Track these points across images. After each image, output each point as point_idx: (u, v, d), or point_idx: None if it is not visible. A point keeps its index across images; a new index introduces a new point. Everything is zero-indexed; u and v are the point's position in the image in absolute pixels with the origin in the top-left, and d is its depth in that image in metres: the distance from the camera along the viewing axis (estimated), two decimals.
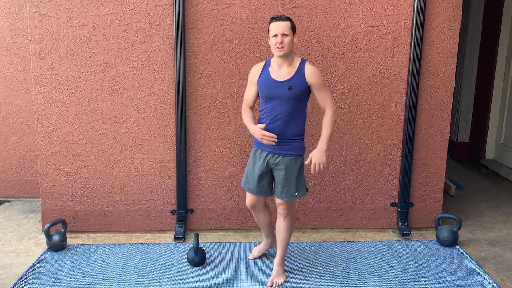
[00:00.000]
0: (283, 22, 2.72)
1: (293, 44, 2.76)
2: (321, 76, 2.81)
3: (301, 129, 2.89)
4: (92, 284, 3.00)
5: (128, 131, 3.57)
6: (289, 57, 2.78)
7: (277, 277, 3.02)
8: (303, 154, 2.92)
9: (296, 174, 2.88)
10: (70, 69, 3.46)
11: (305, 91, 2.79)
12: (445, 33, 3.56)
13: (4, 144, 4.33)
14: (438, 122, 3.70)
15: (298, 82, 2.76)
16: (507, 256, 3.46)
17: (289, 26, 2.72)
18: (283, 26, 2.71)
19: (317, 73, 2.78)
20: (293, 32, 2.75)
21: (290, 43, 2.72)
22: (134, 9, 3.40)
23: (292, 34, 2.74)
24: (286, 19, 2.74)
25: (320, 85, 2.79)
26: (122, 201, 3.68)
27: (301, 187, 2.91)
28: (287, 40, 2.71)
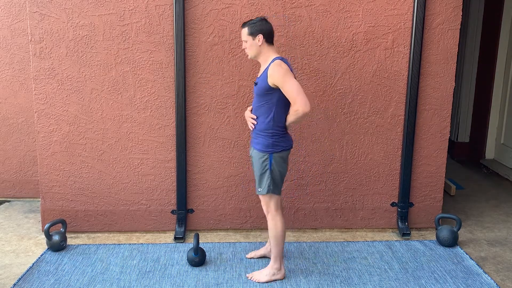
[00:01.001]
0: (242, 29, 2.89)
1: (257, 46, 2.85)
2: (282, 72, 2.74)
3: (267, 126, 2.86)
4: (92, 284, 3.00)
5: (128, 131, 3.57)
6: (261, 57, 2.90)
7: (259, 275, 3.05)
8: (270, 152, 2.86)
9: (260, 170, 2.90)
10: (70, 69, 3.46)
11: (266, 88, 2.81)
12: (445, 33, 3.56)
13: (4, 144, 4.33)
14: (438, 122, 3.70)
15: (262, 80, 2.85)
16: (507, 256, 3.46)
17: (245, 32, 2.86)
18: (242, 33, 2.90)
19: (275, 71, 2.76)
20: (252, 36, 2.84)
21: (250, 46, 2.87)
22: (134, 9, 3.40)
23: (252, 38, 2.85)
24: (244, 26, 2.88)
25: (280, 82, 2.76)
26: (122, 201, 3.68)
27: (264, 185, 2.90)
28: (247, 45, 2.88)
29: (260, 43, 2.84)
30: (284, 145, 2.91)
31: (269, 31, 2.87)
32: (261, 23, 2.84)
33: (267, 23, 2.87)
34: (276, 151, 2.88)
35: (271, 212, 2.96)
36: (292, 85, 2.74)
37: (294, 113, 2.78)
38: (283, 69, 2.77)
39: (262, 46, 2.86)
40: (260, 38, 2.83)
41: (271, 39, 2.89)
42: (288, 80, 2.75)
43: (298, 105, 2.73)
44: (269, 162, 2.88)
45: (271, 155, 2.87)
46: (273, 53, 2.89)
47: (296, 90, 2.73)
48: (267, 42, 2.86)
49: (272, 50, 2.90)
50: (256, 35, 2.83)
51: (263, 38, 2.84)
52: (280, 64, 2.78)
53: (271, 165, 2.88)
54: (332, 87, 3.59)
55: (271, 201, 2.95)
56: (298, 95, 2.73)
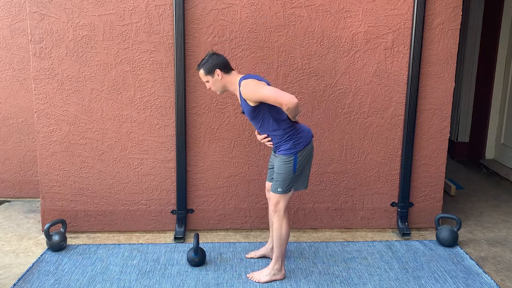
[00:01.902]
0: (199, 72, 2.91)
1: (219, 81, 2.87)
2: (252, 89, 2.74)
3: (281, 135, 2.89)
4: (92, 284, 3.00)
5: (128, 131, 3.57)
6: (229, 88, 2.92)
7: (259, 275, 3.05)
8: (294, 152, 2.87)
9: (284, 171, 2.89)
10: (70, 69, 3.46)
11: (252, 110, 2.82)
12: (445, 33, 3.56)
13: (4, 144, 4.33)
14: (438, 122, 3.70)
15: (244, 105, 2.86)
16: (507, 256, 3.46)
17: (202, 74, 2.89)
18: (200, 76, 2.92)
19: (247, 91, 2.76)
20: (210, 74, 2.86)
21: (214, 84, 2.90)
22: (134, 9, 3.40)
23: (211, 76, 2.87)
24: (198, 69, 2.90)
25: (256, 96, 2.76)
26: (122, 201, 3.68)
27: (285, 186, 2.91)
28: (211, 84, 2.91)
29: (221, 77, 2.86)
30: (304, 140, 2.92)
31: (223, 63, 2.88)
32: (212, 59, 2.86)
33: (218, 56, 2.88)
34: (300, 149, 2.90)
35: (279, 213, 2.96)
36: (267, 92, 2.73)
37: (288, 111, 2.77)
38: (251, 86, 2.76)
39: (224, 79, 2.87)
40: (218, 73, 2.85)
41: (229, 68, 2.90)
42: (261, 90, 2.74)
43: (284, 104, 2.72)
44: (294, 162, 2.88)
45: (296, 155, 2.88)
46: (235, 78, 2.89)
47: (273, 94, 2.73)
48: (226, 73, 2.87)
49: (234, 76, 2.90)
50: (213, 71, 2.85)
51: (221, 71, 2.85)
52: (246, 84, 2.78)
53: (296, 164, 2.89)
54: (332, 87, 3.59)
55: (282, 201, 2.95)
56: (278, 97, 2.72)
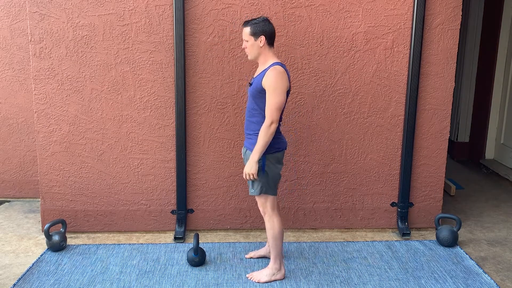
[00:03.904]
0: (244, 28, 2.84)
1: (258, 47, 2.81)
2: (275, 82, 2.71)
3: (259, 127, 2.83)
4: (92, 284, 3.00)
5: (128, 131, 3.57)
6: (260, 59, 2.86)
7: (259, 275, 3.05)
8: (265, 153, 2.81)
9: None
10: (70, 69, 3.46)
11: (260, 90, 2.78)
12: (445, 33, 3.56)
13: (4, 144, 4.33)
14: (438, 122, 3.70)
15: (257, 81, 2.82)
16: (507, 256, 3.46)
17: (247, 32, 2.81)
18: (243, 32, 2.84)
19: (270, 77, 2.73)
20: (254, 36, 2.80)
21: (251, 47, 2.82)
22: (134, 9, 3.40)
23: (254, 39, 2.80)
24: (246, 25, 2.83)
25: (268, 89, 2.74)
26: (122, 201, 3.68)
27: (256, 186, 2.88)
28: (248, 45, 2.83)
29: (262, 45, 2.80)
30: (277, 146, 2.88)
31: (271, 32, 2.82)
32: (264, 24, 2.79)
33: (270, 24, 2.82)
34: (270, 152, 2.85)
35: (267, 213, 2.96)
36: (275, 97, 2.72)
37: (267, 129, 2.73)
38: (279, 79, 2.73)
39: (263, 48, 2.81)
40: (262, 40, 2.79)
41: (273, 41, 2.84)
42: (275, 90, 2.72)
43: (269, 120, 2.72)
44: (262, 163, 2.84)
45: (264, 156, 2.84)
46: (273, 56, 2.85)
47: (274, 105, 2.72)
48: (268, 44, 2.82)
49: (272, 52, 2.85)
50: (259, 36, 2.78)
51: (265, 39, 2.79)
52: (279, 71, 2.74)
53: (264, 166, 2.85)
54: (332, 87, 3.59)
55: (267, 202, 2.94)
56: (273, 111, 2.72)
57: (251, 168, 2.80)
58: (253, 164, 2.79)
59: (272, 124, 2.73)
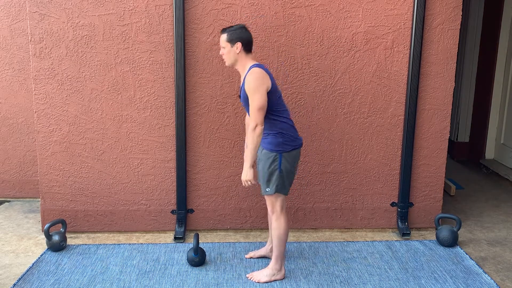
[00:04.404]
0: (221, 35, 2.87)
1: (235, 53, 2.84)
2: (253, 85, 2.73)
3: (273, 126, 2.86)
4: (92, 284, 3.00)
5: (128, 131, 3.57)
6: (239, 66, 2.89)
7: (259, 275, 3.05)
8: (280, 151, 2.85)
9: (268, 170, 2.87)
10: (70, 69, 3.46)
11: (247, 97, 2.80)
12: (445, 33, 3.56)
13: (4, 144, 4.33)
14: (438, 122, 3.70)
15: (242, 89, 2.84)
16: (507, 256, 3.46)
17: (224, 38, 2.85)
18: (221, 39, 2.88)
19: (248, 81, 2.75)
20: (231, 43, 2.83)
21: (227, 53, 2.86)
22: (134, 9, 3.40)
23: (230, 45, 2.83)
24: (223, 32, 2.87)
25: (248, 94, 2.76)
26: (122, 201, 3.68)
27: (272, 185, 2.89)
28: (225, 51, 2.87)
29: (238, 51, 2.83)
30: (294, 144, 2.90)
31: (248, 39, 2.86)
32: (240, 31, 2.84)
33: (246, 32, 2.86)
34: (286, 151, 2.87)
35: (276, 213, 2.96)
36: (255, 100, 2.73)
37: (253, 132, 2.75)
38: (257, 80, 2.74)
39: (240, 55, 2.85)
40: (238, 46, 2.82)
41: (250, 48, 2.88)
42: (255, 93, 2.73)
43: (254, 124, 2.75)
44: (278, 162, 2.86)
45: (281, 154, 2.86)
46: (250, 61, 2.87)
47: (256, 107, 2.73)
48: (245, 50, 2.85)
49: (250, 58, 2.88)
50: (235, 42, 2.83)
51: (242, 46, 2.83)
52: (255, 73, 2.76)
53: (280, 164, 2.86)
54: (332, 87, 3.59)
55: (277, 201, 2.95)
56: (256, 114, 2.74)
57: (246, 174, 2.84)
58: (248, 170, 2.83)
59: (257, 126, 2.76)
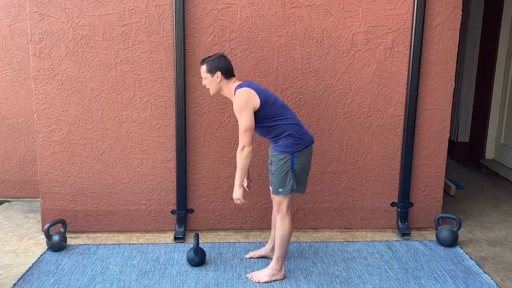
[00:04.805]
0: (201, 66, 2.94)
1: (216, 82, 2.90)
2: (238, 107, 2.79)
3: (280, 131, 2.89)
4: (92, 284, 3.00)
5: (128, 131, 3.57)
6: (224, 92, 2.95)
7: (259, 275, 3.05)
8: (291, 152, 2.88)
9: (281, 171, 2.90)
10: (70, 69, 3.46)
11: None
12: (445, 33, 3.56)
13: (4, 144, 4.33)
14: (438, 122, 3.70)
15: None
16: (507, 256, 3.46)
17: (204, 69, 2.92)
18: (201, 70, 2.94)
19: (235, 104, 2.82)
20: (211, 73, 2.89)
21: (209, 83, 2.93)
22: (134, 9, 3.40)
23: (211, 75, 2.89)
24: (202, 63, 2.94)
25: (236, 115, 2.83)
26: (122, 201, 3.68)
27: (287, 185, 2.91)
28: (207, 82, 2.93)
29: (219, 80, 2.89)
30: (304, 142, 2.93)
31: (227, 67, 2.91)
32: (219, 60, 2.89)
33: (225, 60, 2.92)
34: (297, 150, 2.90)
35: (282, 213, 2.97)
36: (243, 123, 2.78)
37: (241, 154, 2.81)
38: (241, 102, 2.79)
39: (222, 82, 2.91)
40: (218, 75, 2.88)
41: (230, 74, 2.93)
42: (241, 115, 2.79)
43: (242, 145, 2.80)
44: (291, 162, 2.88)
45: (293, 155, 2.89)
46: (233, 84, 2.92)
47: (243, 128, 2.78)
48: (225, 78, 2.90)
49: (232, 82, 2.93)
50: (215, 72, 2.88)
51: (222, 75, 2.88)
52: (240, 95, 2.81)
53: (293, 165, 2.89)
54: (332, 87, 3.59)
55: (285, 201, 2.96)
56: (243, 136, 2.79)
57: (235, 193, 2.92)
58: (237, 189, 2.91)
59: (244, 148, 2.81)
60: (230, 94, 2.93)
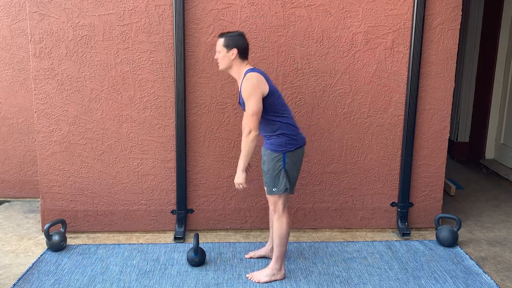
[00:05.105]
0: (218, 39, 2.90)
1: (230, 59, 2.87)
2: (248, 90, 2.77)
3: (275, 128, 2.89)
4: (92, 284, 3.00)
5: (128, 131, 3.57)
6: (233, 72, 2.92)
7: (259, 275, 3.05)
8: (283, 151, 2.88)
9: (273, 170, 2.90)
10: (70, 69, 3.46)
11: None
12: (445, 33, 3.56)
13: (4, 144, 4.33)
14: (438, 122, 3.70)
15: (241, 95, 2.86)
16: (507, 256, 3.46)
17: (220, 43, 2.87)
18: (217, 43, 2.90)
19: (244, 87, 2.79)
20: (227, 48, 2.85)
21: (222, 58, 2.88)
22: (134, 9, 3.40)
23: (226, 50, 2.86)
24: (220, 36, 2.89)
25: (244, 99, 2.80)
26: (122, 201, 3.68)
27: (280, 185, 2.90)
28: (220, 56, 2.89)
29: (233, 57, 2.86)
30: (297, 143, 2.92)
31: (244, 47, 2.89)
32: (238, 38, 2.87)
33: (244, 39, 2.89)
34: (289, 150, 2.89)
35: (278, 212, 2.97)
36: (250, 104, 2.76)
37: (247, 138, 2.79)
38: (252, 85, 2.77)
39: (235, 61, 2.88)
40: (234, 52, 2.85)
41: (245, 55, 2.91)
42: (250, 98, 2.77)
43: (248, 130, 2.79)
44: (282, 161, 2.88)
45: (285, 154, 2.88)
46: (245, 67, 2.90)
47: (250, 112, 2.77)
48: (240, 57, 2.88)
49: (245, 64, 2.91)
50: (231, 48, 2.85)
51: (237, 53, 2.86)
52: (251, 78, 2.79)
53: (285, 164, 2.89)
54: (332, 87, 3.59)
55: (280, 201, 2.95)
56: (251, 119, 2.77)
57: (238, 178, 2.89)
58: (240, 174, 2.87)
59: (251, 132, 2.79)
60: (239, 75, 2.89)
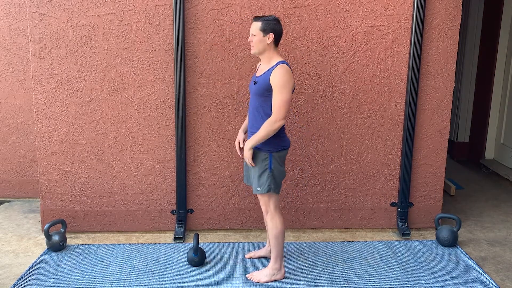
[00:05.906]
0: (254, 22, 2.86)
1: (265, 43, 2.84)
2: (282, 80, 2.76)
3: None
4: (92, 284, 3.00)
5: (128, 131, 3.57)
6: (264, 57, 2.89)
7: (259, 275, 3.05)
8: (270, 151, 2.87)
9: (259, 169, 2.89)
10: (70, 69, 3.46)
11: (267, 88, 2.81)
12: (445, 33, 3.56)
13: (4, 144, 4.33)
14: (438, 122, 3.70)
15: (263, 79, 2.84)
16: (506, 256, 3.46)
17: (257, 26, 2.83)
18: (253, 27, 2.86)
19: (278, 75, 2.77)
20: (264, 32, 2.82)
21: (257, 42, 2.84)
22: (134, 9, 3.39)
23: (263, 34, 2.83)
24: (257, 20, 2.86)
25: (276, 87, 2.78)
26: (121, 201, 3.68)
27: (264, 184, 2.89)
28: (255, 39, 2.84)
29: (269, 42, 2.84)
30: (283, 144, 2.93)
31: (280, 32, 2.87)
32: (275, 23, 2.85)
33: (280, 25, 2.87)
34: (276, 151, 2.89)
35: (270, 212, 2.97)
36: (282, 95, 2.76)
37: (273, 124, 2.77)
38: (287, 76, 2.77)
39: (270, 46, 2.85)
40: (270, 37, 2.83)
41: (278, 42, 2.90)
42: (282, 89, 2.76)
43: (276, 117, 2.77)
44: (269, 161, 2.88)
45: (271, 154, 2.88)
46: (277, 55, 2.89)
47: (282, 102, 2.76)
48: (274, 43, 2.87)
49: (277, 52, 2.91)
50: (268, 33, 2.83)
51: (273, 38, 2.84)
52: (287, 70, 2.79)
53: (271, 164, 2.88)
54: (332, 87, 3.59)
55: (270, 201, 2.95)
56: (281, 108, 2.76)
57: (245, 152, 2.88)
58: (247, 150, 2.86)
59: (278, 121, 2.78)
60: (269, 61, 2.87)
